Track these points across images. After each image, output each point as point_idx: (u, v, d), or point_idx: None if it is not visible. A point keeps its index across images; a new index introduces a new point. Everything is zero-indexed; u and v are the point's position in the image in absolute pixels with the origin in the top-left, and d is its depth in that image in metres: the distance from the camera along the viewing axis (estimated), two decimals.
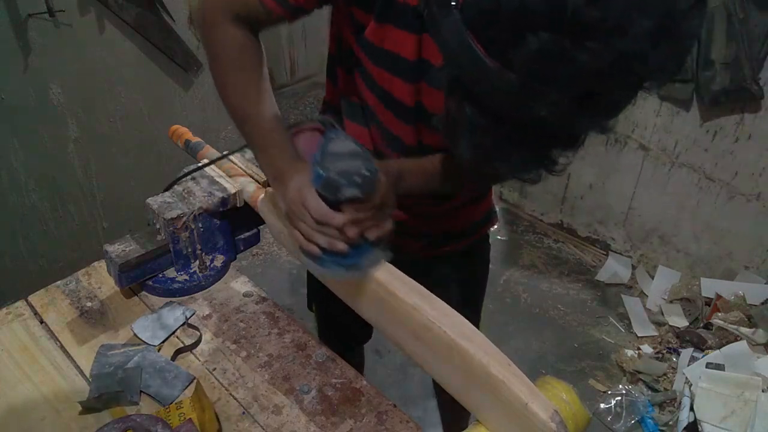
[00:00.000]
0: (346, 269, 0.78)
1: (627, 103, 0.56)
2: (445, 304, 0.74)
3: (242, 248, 1.08)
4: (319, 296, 1.29)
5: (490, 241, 1.27)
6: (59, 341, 0.89)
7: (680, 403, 1.86)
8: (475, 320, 0.73)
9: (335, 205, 0.75)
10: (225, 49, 0.85)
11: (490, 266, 1.29)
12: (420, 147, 0.93)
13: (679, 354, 2.06)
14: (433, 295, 0.75)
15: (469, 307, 0.75)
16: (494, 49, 0.53)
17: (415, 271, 0.81)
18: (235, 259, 1.07)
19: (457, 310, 0.74)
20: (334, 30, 0.94)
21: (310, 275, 1.25)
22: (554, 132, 0.59)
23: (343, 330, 1.25)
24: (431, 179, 0.92)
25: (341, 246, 0.75)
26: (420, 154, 0.92)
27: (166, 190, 1.01)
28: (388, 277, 0.78)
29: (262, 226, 1.06)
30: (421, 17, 0.76)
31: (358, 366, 1.55)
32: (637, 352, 2.12)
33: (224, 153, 1.06)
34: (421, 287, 0.76)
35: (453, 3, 0.55)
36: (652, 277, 2.40)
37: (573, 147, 0.62)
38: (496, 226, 1.24)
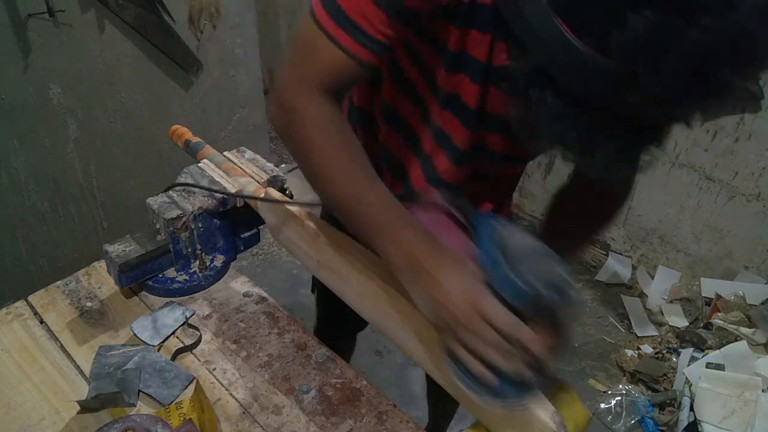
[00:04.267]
0: (522, 398, 0.62)
1: (731, 90, 0.50)
2: None
3: (242, 248, 1.08)
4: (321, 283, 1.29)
5: None
6: (59, 341, 0.89)
7: (680, 403, 1.86)
8: None
9: (521, 318, 0.60)
10: (321, 129, 0.71)
11: None
12: (473, 151, 0.87)
13: (679, 354, 2.06)
14: None
15: None
16: (588, 33, 0.49)
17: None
18: (235, 259, 1.07)
19: None
20: None
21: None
22: (642, 122, 0.54)
23: (341, 317, 1.26)
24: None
25: (528, 372, 0.60)
26: (471, 159, 0.87)
27: (166, 191, 1.01)
28: (387, 275, 0.78)
29: (262, 226, 1.06)
30: (495, 20, 0.69)
31: (348, 351, 1.58)
32: (637, 352, 2.12)
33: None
34: None
35: None
36: (652, 277, 2.40)
37: (658, 140, 0.57)
38: None
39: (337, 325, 1.30)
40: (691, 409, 1.77)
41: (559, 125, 0.55)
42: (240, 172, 1.03)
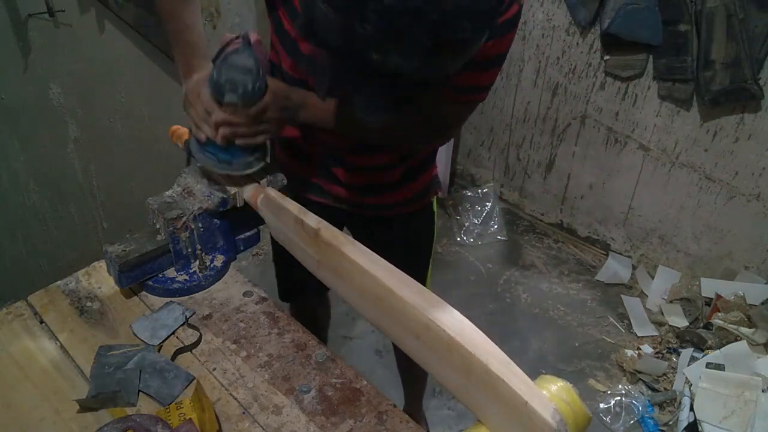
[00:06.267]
0: (219, 161, 0.93)
1: (434, 41, 0.62)
2: (446, 303, 0.74)
3: (242, 248, 1.08)
4: (278, 255, 1.38)
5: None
6: (59, 341, 0.89)
7: (680, 403, 1.86)
8: (419, 281, 0.79)
9: (219, 104, 0.89)
10: None
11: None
12: None
13: (679, 354, 2.06)
14: (433, 294, 0.75)
15: (413, 268, 0.81)
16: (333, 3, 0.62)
17: (362, 232, 0.84)
18: (235, 259, 1.07)
19: (403, 270, 0.78)
20: None
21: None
22: (387, 73, 0.65)
23: (300, 280, 1.28)
24: (339, 118, 0.99)
25: (220, 139, 0.89)
26: None
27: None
28: (386, 275, 0.78)
29: (262, 226, 1.06)
30: None
31: (325, 314, 1.64)
32: (637, 352, 2.12)
33: None
34: (420, 285, 0.76)
35: None
36: (652, 277, 2.40)
37: (423, 88, 0.70)
38: (439, 195, 1.33)
39: (298, 290, 1.40)
40: (691, 409, 1.77)
41: (327, 73, 0.71)
42: None
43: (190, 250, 1.00)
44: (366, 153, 1.12)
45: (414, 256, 1.31)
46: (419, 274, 1.33)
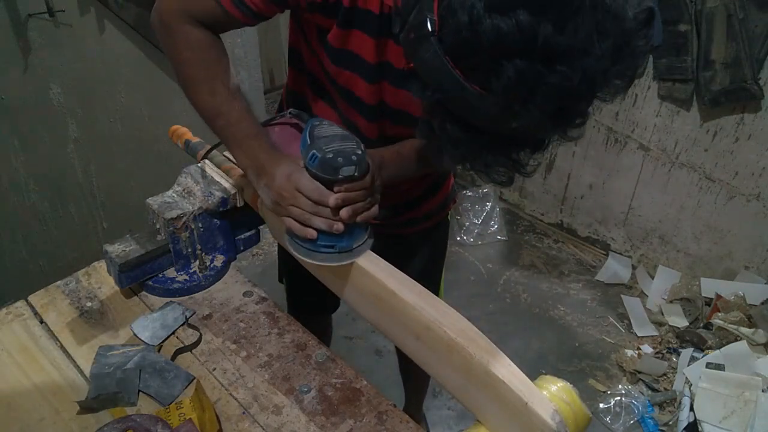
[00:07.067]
0: (339, 253, 0.80)
1: (588, 110, 0.63)
2: (445, 304, 0.74)
3: (242, 248, 1.08)
4: (289, 268, 1.34)
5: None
6: (59, 341, 0.89)
7: (680, 403, 1.86)
8: (434, 291, 0.78)
9: (328, 187, 0.77)
10: (187, 49, 0.86)
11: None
12: (382, 141, 0.97)
13: (679, 354, 2.06)
14: (433, 295, 0.75)
15: (428, 279, 0.80)
16: (474, 76, 0.58)
17: (378, 248, 0.84)
18: (235, 259, 1.07)
19: (418, 281, 0.78)
20: (295, 24, 0.98)
21: (281, 249, 1.31)
22: (525, 139, 0.65)
23: (312, 300, 1.27)
24: (407, 165, 0.96)
25: (339, 226, 0.77)
26: (381, 146, 0.95)
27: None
28: (387, 276, 0.78)
29: (262, 226, 1.06)
30: (381, 24, 0.82)
31: (326, 333, 1.60)
32: (637, 352, 2.12)
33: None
34: (421, 286, 0.77)
35: (431, 31, 0.59)
36: (652, 277, 2.40)
37: (540, 150, 0.68)
38: (455, 203, 1.32)
39: (309, 308, 1.36)
40: (691, 409, 1.77)
41: (459, 148, 0.66)
42: (240, 171, 1.03)
43: (190, 250, 1.00)
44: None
45: (429, 268, 1.30)
46: (433, 286, 1.32)
